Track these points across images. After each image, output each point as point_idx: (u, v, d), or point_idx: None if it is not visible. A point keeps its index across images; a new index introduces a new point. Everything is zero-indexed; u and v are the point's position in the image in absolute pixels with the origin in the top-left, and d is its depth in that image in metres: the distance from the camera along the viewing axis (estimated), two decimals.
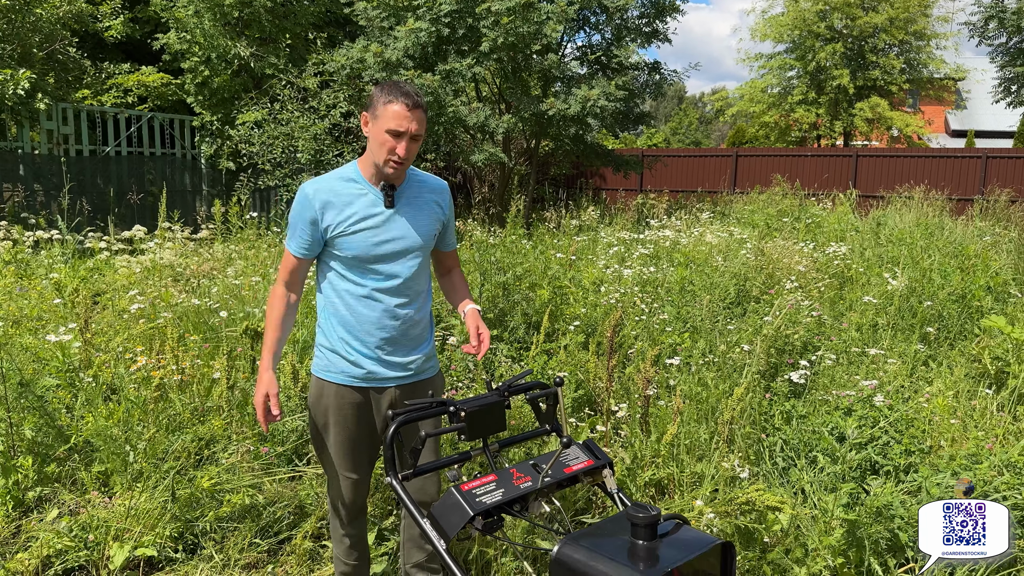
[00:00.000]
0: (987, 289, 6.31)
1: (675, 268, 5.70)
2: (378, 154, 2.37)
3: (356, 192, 2.44)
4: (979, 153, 16.35)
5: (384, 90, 2.36)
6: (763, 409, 4.03)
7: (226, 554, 3.16)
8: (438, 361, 2.71)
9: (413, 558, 2.73)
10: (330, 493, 2.65)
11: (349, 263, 2.45)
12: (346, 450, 2.54)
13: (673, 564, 1.72)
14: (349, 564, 2.70)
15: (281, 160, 11.37)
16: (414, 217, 2.49)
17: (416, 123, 2.35)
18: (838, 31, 21.95)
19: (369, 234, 2.43)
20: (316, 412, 2.55)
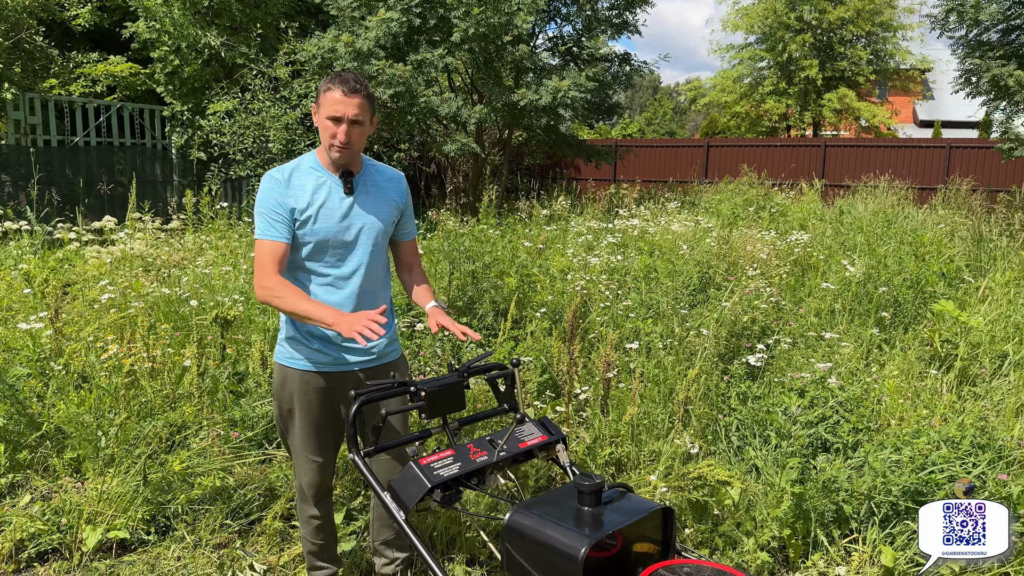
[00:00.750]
0: (941, 275, 6.52)
1: (640, 256, 5.84)
2: (325, 141, 2.47)
3: (316, 180, 2.52)
4: (943, 143, 16.70)
5: (326, 80, 2.45)
6: (721, 391, 4.18)
7: (197, 535, 3.25)
8: (400, 344, 2.81)
9: (382, 535, 2.84)
10: (296, 477, 2.72)
11: (310, 250, 2.51)
12: (311, 434, 2.62)
13: (615, 527, 1.85)
14: (316, 544, 2.80)
15: (252, 150, 11.35)
16: (373, 204, 2.58)
17: (355, 108, 2.41)
18: (807, 22, 22.24)
19: (330, 220, 2.50)
20: (281, 398, 2.63)
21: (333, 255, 2.54)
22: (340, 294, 2.55)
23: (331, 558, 2.85)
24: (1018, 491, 3.03)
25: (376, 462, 2.65)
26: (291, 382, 2.58)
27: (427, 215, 9.69)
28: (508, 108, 10.96)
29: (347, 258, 2.55)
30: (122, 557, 3.17)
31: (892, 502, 3.16)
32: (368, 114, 2.48)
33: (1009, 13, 10.11)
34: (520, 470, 3.36)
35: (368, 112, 2.48)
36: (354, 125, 2.44)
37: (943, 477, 3.08)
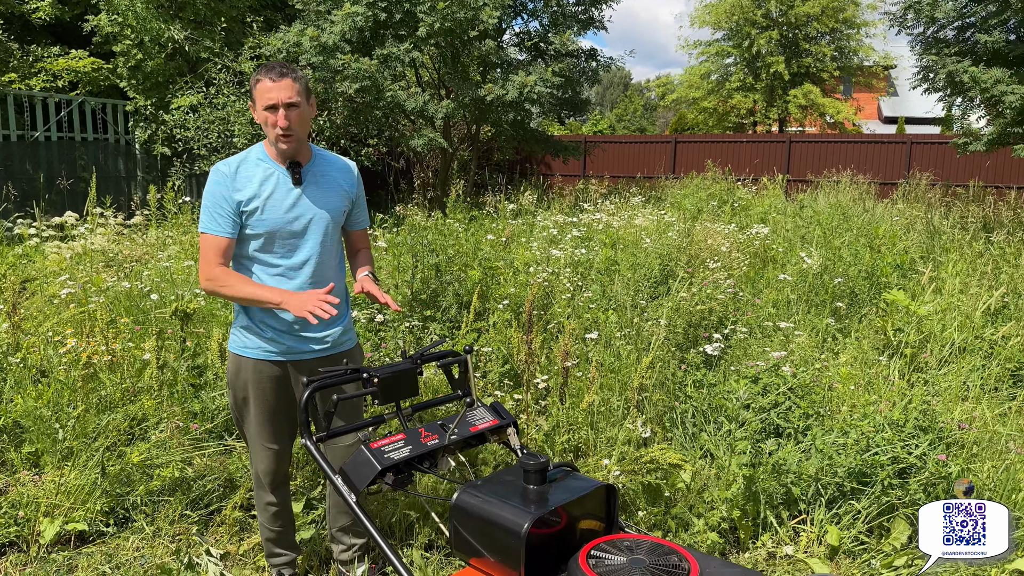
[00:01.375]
0: (895, 266, 6.69)
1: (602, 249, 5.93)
2: (268, 133, 2.49)
3: (264, 171, 2.54)
4: (904, 139, 17.05)
5: (255, 73, 2.48)
6: (677, 379, 4.28)
7: (156, 525, 3.26)
8: (356, 333, 2.85)
9: (339, 522, 2.88)
10: (253, 464, 2.75)
11: (262, 241, 2.53)
12: (266, 422, 2.65)
13: (559, 503, 1.91)
14: (274, 530, 2.83)
15: (217, 145, 11.26)
16: (322, 194, 2.60)
17: (287, 91, 2.42)
18: (773, 18, 22.54)
19: (280, 210, 2.52)
20: (235, 387, 2.65)
21: (283, 246, 2.56)
22: (291, 284, 2.57)
23: (290, 545, 2.88)
24: (956, 471, 3.15)
25: (335, 450, 2.69)
26: (245, 371, 2.60)
27: (395, 210, 9.70)
28: (475, 103, 11.00)
29: (297, 248, 2.58)
30: (80, 549, 3.17)
31: (838, 483, 3.27)
32: (302, 95, 2.49)
33: (964, 11, 10.35)
34: (478, 456, 3.43)
35: (302, 93, 2.49)
36: (291, 108, 2.45)
37: (886, 459, 3.20)
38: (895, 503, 3.15)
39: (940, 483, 3.14)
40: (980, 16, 10.14)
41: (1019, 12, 9.50)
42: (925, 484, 3.13)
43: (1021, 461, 3.29)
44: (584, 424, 3.61)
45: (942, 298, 5.91)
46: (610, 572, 1.76)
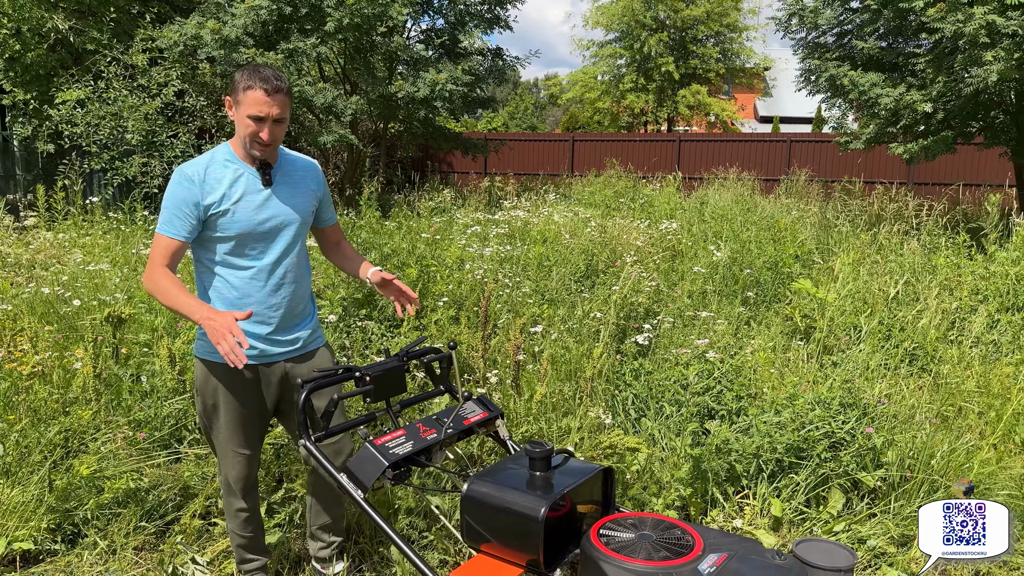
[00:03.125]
0: (795, 257, 7.19)
1: (532, 246, 6.08)
2: (244, 137, 2.46)
3: (233, 172, 2.50)
4: (784, 138, 18.14)
5: (244, 75, 2.41)
6: (615, 368, 4.48)
7: (111, 540, 3.15)
8: (323, 332, 2.86)
9: (319, 520, 2.88)
10: (222, 471, 2.70)
11: (231, 244, 2.50)
12: (237, 427, 2.61)
13: (565, 488, 2.03)
14: (245, 536, 2.79)
15: (108, 142, 10.67)
16: (291, 195, 2.60)
17: (278, 107, 2.42)
18: (662, 21, 23.43)
19: (250, 212, 2.50)
20: (204, 393, 2.60)
21: (254, 247, 2.54)
22: (264, 286, 2.56)
23: (260, 549, 2.86)
24: (880, 442, 3.48)
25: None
26: (215, 376, 2.56)
27: None
28: (384, 100, 10.91)
29: (268, 250, 2.56)
30: (29, 569, 3.02)
31: (777, 459, 3.54)
32: (288, 110, 2.51)
33: (842, 19, 11.16)
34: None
35: (289, 107, 2.50)
36: (277, 123, 2.45)
37: (820, 434, 3.49)
38: (830, 474, 3.45)
39: (868, 454, 3.46)
40: (856, 24, 10.95)
41: (890, 21, 10.33)
42: (855, 455, 3.44)
43: (935, 430, 3.66)
44: (539, 415, 3.73)
45: (840, 285, 6.42)
46: (622, 547, 1.89)
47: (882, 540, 3.22)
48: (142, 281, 2.42)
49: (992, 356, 5.02)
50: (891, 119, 10.29)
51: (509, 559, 2.02)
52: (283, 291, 2.60)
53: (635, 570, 1.79)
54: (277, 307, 2.60)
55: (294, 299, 2.64)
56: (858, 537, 3.25)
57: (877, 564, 3.16)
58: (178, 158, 10.86)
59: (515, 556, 2.00)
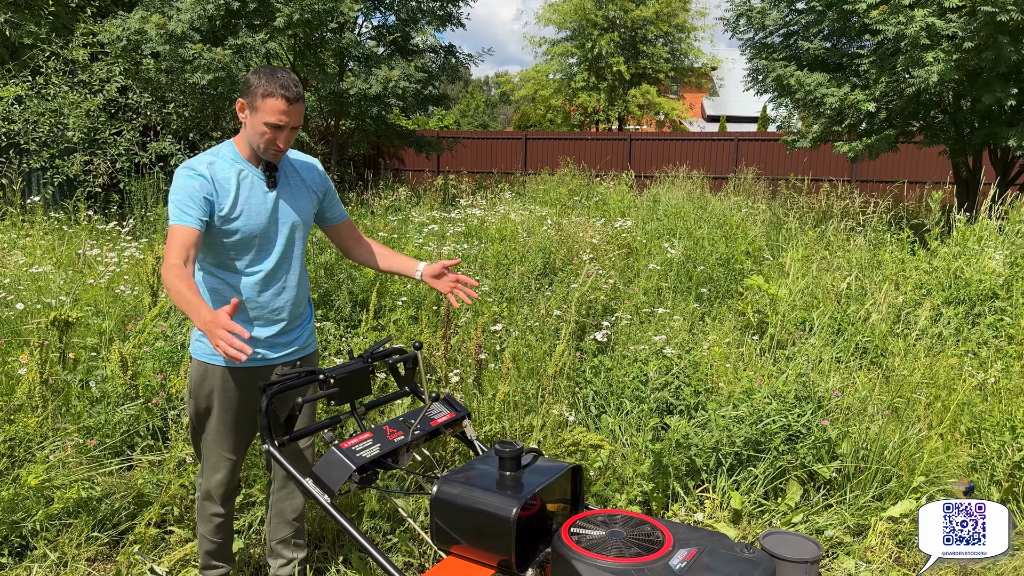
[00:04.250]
0: (746, 254, 7.33)
1: (490, 244, 6.07)
2: (257, 143, 2.40)
3: (238, 173, 2.43)
4: (732, 137, 18.47)
5: (263, 80, 2.34)
6: (575, 365, 4.50)
7: (62, 551, 3.04)
8: (316, 339, 2.80)
9: (280, 533, 2.81)
10: (204, 475, 2.64)
11: (235, 247, 2.43)
12: (228, 432, 2.56)
13: (536, 487, 2.03)
14: (215, 542, 2.73)
15: (48, 139, 10.30)
16: (295, 197, 2.55)
17: (297, 116, 2.38)
18: (613, 20, 23.63)
19: (255, 215, 2.44)
20: (198, 396, 2.53)
21: (259, 250, 2.48)
22: (267, 290, 2.51)
23: (227, 557, 2.80)
24: (835, 434, 3.57)
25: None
26: (211, 379, 2.50)
27: None
28: (335, 97, 10.77)
29: (271, 253, 2.50)
30: None
31: (736, 452, 3.60)
32: (304, 116, 2.47)
33: (788, 19, 11.40)
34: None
35: (303, 115, 2.46)
36: (293, 131, 2.41)
37: (777, 427, 3.56)
38: (787, 467, 3.52)
39: (823, 446, 3.54)
40: (802, 24, 11.20)
41: (834, 22, 10.60)
42: (811, 447, 3.52)
43: (887, 421, 3.77)
44: (502, 414, 3.73)
45: (791, 281, 6.56)
46: (594, 545, 1.89)
47: (839, 530, 3.31)
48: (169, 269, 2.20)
49: (936, 348, 5.19)
50: (836, 118, 10.56)
51: (480, 560, 2.01)
52: (285, 295, 2.55)
53: (607, 567, 1.80)
54: (280, 311, 2.55)
55: (296, 302, 2.60)
56: (816, 527, 3.33)
57: (835, 553, 3.24)
58: (122, 156, 10.54)
59: (486, 557, 1.99)
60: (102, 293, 5.03)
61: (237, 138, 2.49)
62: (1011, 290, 5.91)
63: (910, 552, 3.27)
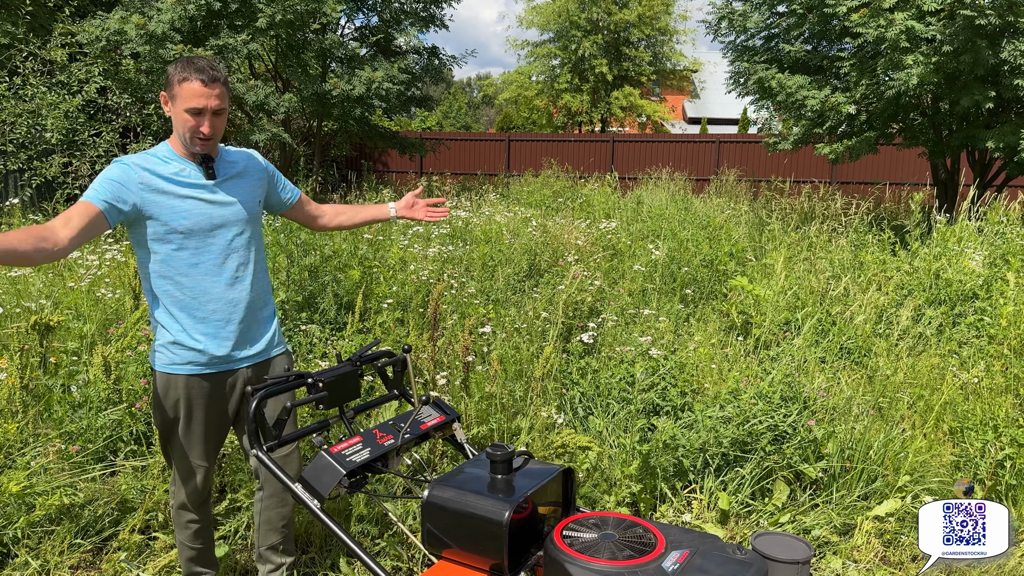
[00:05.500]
0: (730, 255, 7.37)
1: (476, 246, 6.05)
2: (183, 132, 2.38)
3: (175, 169, 2.42)
4: (713, 139, 18.58)
5: (178, 68, 2.33)
6: (562, 367, 4.50)
7: (44, 559, 2.99)
8: (284, 340, 2.78)
9: (268, 540, 2.78)
10: (177, 484, 2.61)
11: (176, 242, 2.41)
12: (198, 440, 2.53)
13: (527, 491, 2.02)
14: (195, 548, 2.71)
15: (26, 141, 10.16)
16: (235, 186, 2.53)
17: (216, 98, 2.35)
18: (596, 23, 23.70)
19: (196, 207, 2.42)
20: (164, 407, 2.50)
21: (200, 243, 2.45)
22: (217, 280, 2.48)
23: (210, 562, 2.77)
24: (821, 434, 3.59)
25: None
26: (175, 389, 2.46)
27: None
28: (318, 98, 10.71)
29: (214, 243, 2.47)
30: None
31: (723, 453, 3.61)
32: (227, 100, 2.43)
33: (770, 22, 11.48)
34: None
35: (227, 98, 2.42)
36: (216, 115, 2.38)
37: (763, 428, 3.58)
38: (774, 467, 3.54)
39: (809, 446, 3.56)
40: (783, 27, 11.29)
41: (815, 25, 10.69)
42: (797, 447, 3.54)
43: (871, 421, 3.80)
44: (490, 416, 3.72)
45: (773, 282, 6.60)
46: (586, 548, 1.89)
47: (825, 530, 3.33)
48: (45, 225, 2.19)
49: (919, 348, 5.24)
50: (817, 120, 10.65)
51: (472, 564, 1.99)
52: (239, 286, 2.52)
53: (600, 570, 1.80)
54: (236, 302, 2.51)
55: (253, 294, 2.56)
56: (803, 527, 3.35)
57: (822, 553, 3.26)
58: (101, 157, 10.43)
59: (478, 561, 1.98)
60: (83, 297, 4.97)
61: (171, 138, 2.46)
62: (991, 290, 5.98)
63: (896, 551, 3.29)
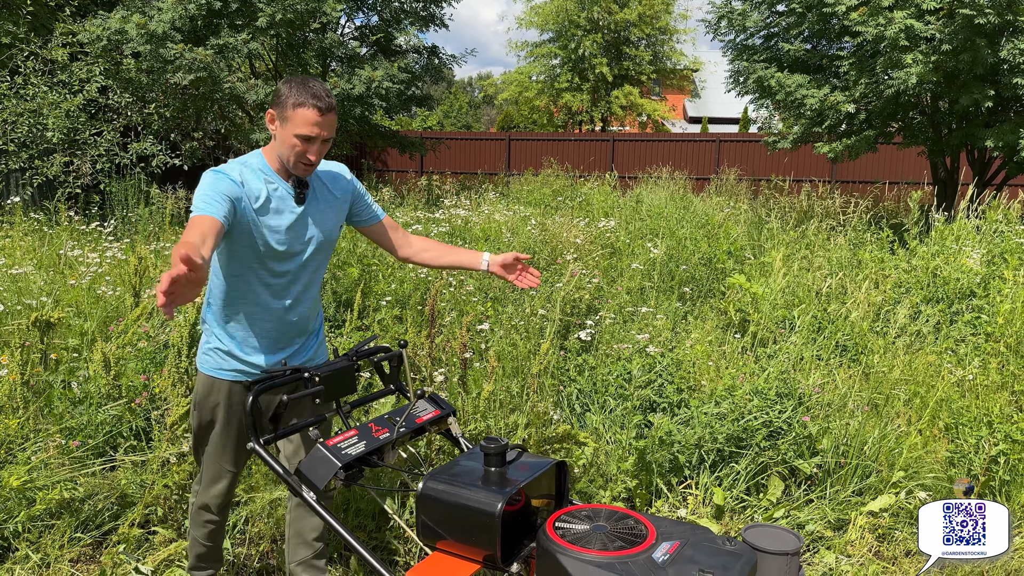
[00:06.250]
0: (728, 254, 7.40)
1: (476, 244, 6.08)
2: (287, 155, 2.34)
3: (267, 185, 2.37)
4: (714, 138, 18.60)
5: (293, 90, 2.27)
6: (560, 364, 4.53)
7: (44, 553, 3.02)
8: (327, 348, 2.76)
9: (299, 555, 2.74)
10: (203, 485, 2.63)
11: (255, 258, 2.38)
12: (232, 446, 2.54)
13: (521, 483, 2.04)
14: (207, 546, 2.72)
15: (27, 140, 10.20)
16: (322, 212, 2.49)
17: (329, 127, 2.31)
18: (596, 22, 23.73)
19: (281, 230, 2.39)
20: (203, 409, 2.51)
21: (280, 264, 2.43)
22: (281, 302, 2.48)
23: (217, 559, 2.80)
24: (816, 430, 3.62)
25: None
26: (216, 393, 2.47)
27: None
28: None
29: (291, 267, 2.46)
30: None
31: (718, 449, 3.64)
32: (335, 128, 2.38)
33: (769, 21, 11.51)
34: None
35: (336, 126, 2.38)
36: (324, 143, 2.34)
37: (758, 424, 3.60)
38: (768, 462, 3.57)
39: (804, 442, 3.59)
40: (783, 26, 11.31)
41: (814, 24, 10.71)
42: (792, 443, 3.56)
43: (867, 417, 3.82)
44: (487, 412, 3.75)
45: (772, 280, 6.63)
46: (578, 539, 1.91)
47: (819, 525, 3.35)
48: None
49: (916, 346, 5.27)
50: (816, 119, 10.67)
51: (466, 555, 2.02)
52: (299, 308, 2.52)
53: (591, 561, 1.82)
54: (293, 323, 2.53)
55: (309, 313, 2.57)
56: (797, 522, 3.37)
57: (816, 548, 3.29)
58: (102, 157, 10.46)
59: (472, 552, 2.00)
60: (84, 294, 5.00)
61: (266, 149, 2.41)
62: (988, 288, 6.00)
63: (890, 546, 3.32)
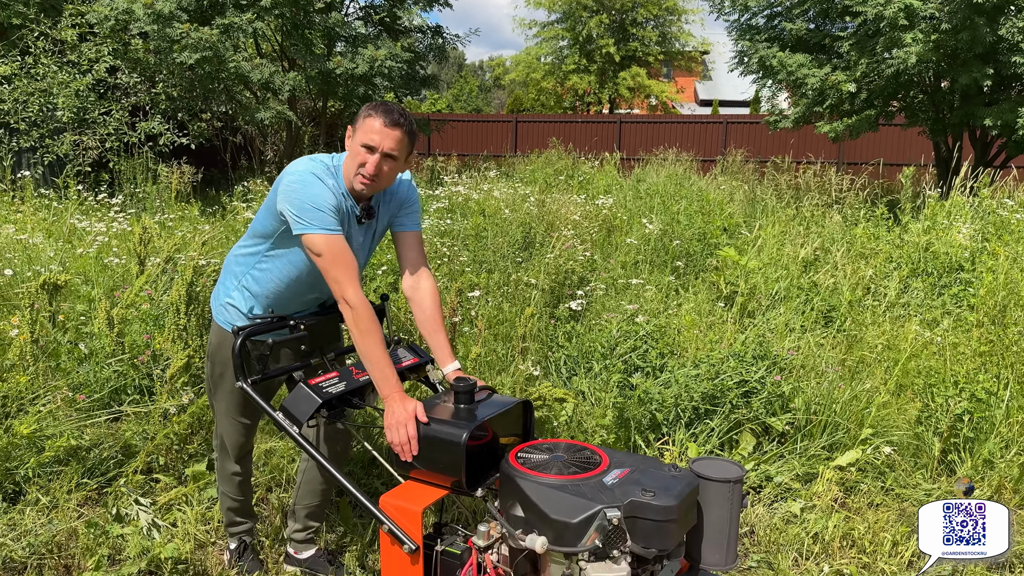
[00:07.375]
0: (723, 229, 7.51)
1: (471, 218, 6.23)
2: (351, 169, 2.36)
3: (343, 196, 2.39)
4: (721, 119, 18.62)
5: (368, 106, 2.35)
6: (550, 332, 4.69)
7: (53, 496, 3.22)
8: None
9: (305, 500, 2.88)
10: (219, 434, 2.76)
11: (302, 256, 2.44)
12: (242, 398, 2.59)
13: (486, 417, 2.21)
14: (236, 500, 2.85)
15: (37, 119, 10.39)
16: (376, 228, 2.56)
17: (392, 142, 2.30)
18: (603, 3, 23.68)
19: None
20: (215, 360, 2.63)
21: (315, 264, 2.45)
22: (308, 296, 2.59)
23: (249, 513, 2.92)
24: (788, 389, 3.76)
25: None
26: (228, 346, 2.52)
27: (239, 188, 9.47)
28: (323, 76, 10.88)
29: None
30: None
31: (694, 407, 3.79)
32: (405, 151, 2.37)
33: (772, 1, 11.54)
34: None
35: (406, 149, 2.36)
36: (387, 159, 2.33)
37: (733, 383, 3.75)
38: (741, 419, 3.72)
39: (777, 400, 3.74)
40: (785, 6, 11.34)
41: (816, 4, 10.74)
42: (765, 402, 3.71)
43: (838, 378, 3.97)
44: (474, 372, 3.91)
45: (764, 254, 6.75)
46: (536, 466, 2.08)
47: (787, 476, 3.51)
48: (347, 296, 2.25)
49: (902, 318, 5.39)
50: (817, 99, 10.73)
51: (436, 483, 2.19)
52: (325, 292, 2.56)
53: (547, 483, 1.99)
54: (311, 301, 2.64)
55: (327, 296, 2.64)
56: (766, 475, 3.53)
57: (784, 498, 3.44)
58: (111, 136, 10.65)
59: (441, 479, 2.18)
60: (91, 263, 5.19)
61: (346, 162, 2.42)
62: (975, 262, 6.11)
63: (856, 497, 3.47)
